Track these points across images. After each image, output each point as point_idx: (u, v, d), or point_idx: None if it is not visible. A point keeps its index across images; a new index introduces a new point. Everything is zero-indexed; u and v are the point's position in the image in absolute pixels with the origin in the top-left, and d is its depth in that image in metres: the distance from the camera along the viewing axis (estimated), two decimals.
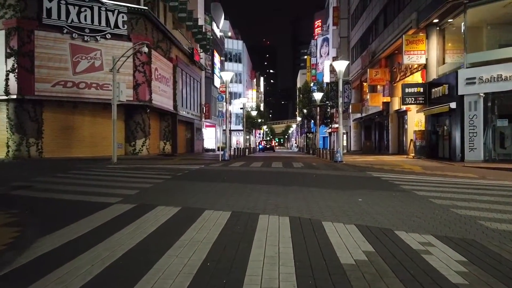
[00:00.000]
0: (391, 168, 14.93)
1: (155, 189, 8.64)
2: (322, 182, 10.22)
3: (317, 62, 71.92)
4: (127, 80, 21.35)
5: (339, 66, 18.90)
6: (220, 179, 10.86)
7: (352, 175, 12.31)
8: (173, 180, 10.33)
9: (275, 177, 11.47)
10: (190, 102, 34.20)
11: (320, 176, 11.90)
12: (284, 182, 10.02)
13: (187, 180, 10.37)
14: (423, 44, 20.61)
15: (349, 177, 11.73)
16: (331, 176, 11.98)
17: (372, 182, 10.22)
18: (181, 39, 30.34)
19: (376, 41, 29.18)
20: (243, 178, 11.17)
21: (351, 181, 10.52)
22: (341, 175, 12.14)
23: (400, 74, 24.74)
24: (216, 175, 12.25)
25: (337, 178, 11.28)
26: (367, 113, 32.67)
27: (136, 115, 22.79)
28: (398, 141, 27.00)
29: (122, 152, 22.97)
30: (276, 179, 10.88)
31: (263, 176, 11.87)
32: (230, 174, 12.40)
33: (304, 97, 38.41)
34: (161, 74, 24.89)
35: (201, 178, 11.12)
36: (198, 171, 13.57)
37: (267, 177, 11.36)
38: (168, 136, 27.92)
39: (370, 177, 11.51)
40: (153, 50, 23.23)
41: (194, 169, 14.29)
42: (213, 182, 9.98)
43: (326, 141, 57.05)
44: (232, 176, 11.86)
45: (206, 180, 10.52)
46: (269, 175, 12.01)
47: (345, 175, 12.32)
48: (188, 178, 11.10)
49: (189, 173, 12.52)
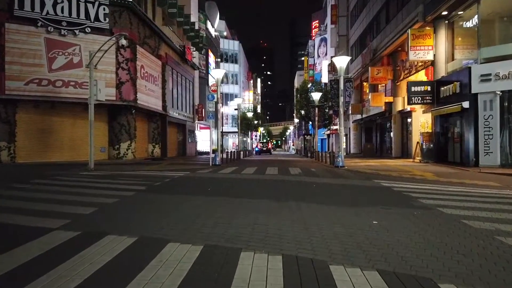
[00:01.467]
0: (399, 174, 13.33)
1: (118, 206, 6.97)
2: (323, 194, 8.58)
3: (314, 63, 70.45)
4: (108, 78, 19.69)
5: (340, 62, 17.31)
6: (203, 190, 9.20)
7: (358, 184, 10.68)
8: (146, 193, 8.66)
9: (268, 187, 9.81)
10: (182, 103, 32.53)
11: (321, 185, 10.26)
12: (278, 195, 8.37)
13: (163, 193, 8.70)
14: (431, 39, 19.05)
15: (354, 187, 10.09)
16: (334, 186, 10.34)
17: (384, 194, 8.60)
18: (172, 36, 28.71)
19: (378, 38, 27.64)
20: (231, 189, 9.52)
21: (358, 193, 8.88)
22: (345, 185, 10.50)
23: (404, 72, 23.19)
24: (200, 185, 10.60)
25: (341, 189, 9.64)
26: (367, 114, 31.10)
27: (120, 116, 21.11)
28: (401, 144, 25.42)
29: (105, 156, 21.29)
30: (269, 190, 9.22)
31: (255, 186, 10.22)
32: (216, 184, 10.75)
33: (302, 98, 36.80)
34: (148, 72, 23.21)
35: (181, 189, 9.46)
36: (181, 179, 11.91)
37: (259, 188, 9.70)
38: (157, 138, 26.24)
39: (379, 187, 9.88)
40: (138, 46, 21.58)
41: (177, 176, 12.62)
42: (194, 195, 8.32)
43: (324, 143, 55.46)
44: (219, 186, 10.21)
45: (186, 192, 8.85)
46: (262, 185, 10.36)
47: (350, 184, 10.68)
48: (166, 189, 9.44)
49: (170, 183, 10.85)
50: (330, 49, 51.84)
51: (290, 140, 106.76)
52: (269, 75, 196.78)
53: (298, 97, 38.21)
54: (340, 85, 17.39)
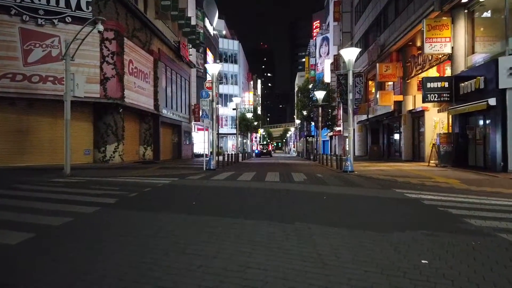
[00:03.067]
0: (420, 181, 11.46)
1: (56, 233, 5.10)
2: (339, 210, 6.70)
3: (316, 63, 68.68)
4: (92, 73, 17.83)
5: (349, 55, 15.46)
6: (185, 205, 7.32)
7: (377, 195, 8.79)
8: (112, 209, 6.80)
9: (268, 200, 7.92)
10: (177, 103, 30.67)
11: (333, 197, 8.37)
12: (281, 211, 6.49)
13: (132, 209, 6.83)
14: (448, 29, 17.20)
15: (374, 199, 8.20)
16: (349, 197, 8.45)
17: (415, 211, 6.73)
18: (166, 31, 26.89)
19: (386, 33, 25.79)
20: (220, 203, 7.63)
21: (382, 208, 7.00)
22: (362, 196, 8.61)
23: (416, 69, 21.31)
24: (185, 196, 8.72)
25: (359, 202, 7.76)
26: (374, 114, 29.22)
27: (107, 115, 19.24)
28: (412, 146, 23.53)
29: (90, 159, 19.42)
30: (269, 205, 7.33)
31: (252, 198, 8.34)
32: (205, 195, 8.87)
33: (304, 97, 34.90)
34: (138, 68, 21.34)
35: (159, 203, 7.58)
36: (164, 188, 10.02)
37: (255, 202, 7.81)
38: (149, 140, 24.38)
39: (405, 200, 8.00)
40: (126, 39, 19.71)
41: (161, 184, 10.74)
42: (172, 212, 6.45)
43: (327, 145, 53.56)
44: (207, 198, 8.33)
45: (163, 208, 6.97)
46: (261, 197, 8.47)
47: (367, 195, 8.80)
48: (139, 203, 7.56)
49: (149, 193, 8.97)
50: (333, 47, 49.99)
51: (291, 142, 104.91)
52: (269, 77, 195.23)
53: (300, 96, 36.29)
54: (348, 80, 15.52)
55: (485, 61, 15.15)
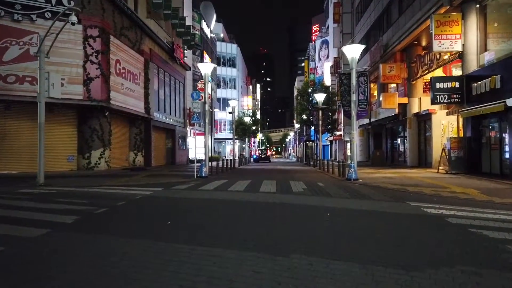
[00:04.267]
0: (435, 191, 10.14)
1: None
2: (348, 234, 5.33)
3: (315, 66, 67.59)
4: (74, 73, 16.53)
5: (352, 52, 14.17)
6: (158, 226, 5.96)
7: (390, 210, 7.45)
8: (63, 232, 5.45)
9: (260, 219, 6.57)
10: (170, 106, 29.37)
11: (339, 214, 7.01)
12: (272, 237, 5.13)
13: (89, 232, 5.48)
14: (459, 25, 15.96)
15: (388, 216, 6.85)
16: (357, 214, 7.09)
17: (442, 233, 5.38)
18: (158, 31, 25.64)
19: (389, 32, 24.56)
20: (201, 222, 6.26)
21: (400, 230, 5.63)
22: (373, 212, 7.26)
23: (422, 69, 20.04)
24: (161, 213, 7.36)
25: (370, 221, 6.39)
26: (376, 118, 27.92)
27: (92, 119, 17.92)
28: (418, 151, 22.21)
29: (74, 166, 18.08)
30: (261, 225, 5.97)
31: (241, 216, 6.98)
32: (184, 211, 7.52)
33: (303, 100, 33.56)
34: (126, 69, 20.03)
35: (125, 223, 6.24)
36: (140, 202, 8.67)
37: (244, 221, 6.45)
38: (139, 145, 23.03)
39: (424, 217, 6.66)
40: (113, 37, 18.42)
41: (140, 196, 9.39)
42: (135, 237, 5.10)
43: (327, 150, 52.21)
44: (187, 215, 6.98)
45: (126, 231, 5.63)
46: (251, 214, 7.13)
47: (379, 210, 7.45)
48: (101, 224, 6.22)
49: (119, 209, 7.62)
50: (333, 50, 48.82)
51: (290, 147, 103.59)
52: (268, 82, 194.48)
53: (299, 99, 34.97)
54: (352, 80, 14.22)
55: (500, 58, 13.88)
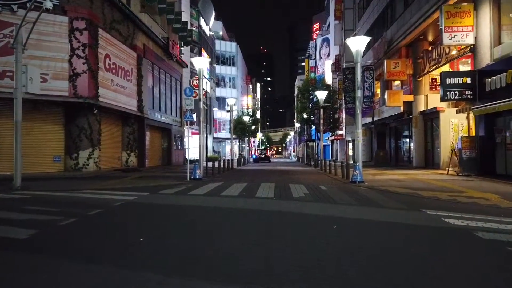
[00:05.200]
0: (451, 196, 9.10)
1: None
2: (360, 255, 4.26)
3: (316, 65, 66.49)
4: (59, 68, 15.46)
5: (357, 45, 13.11)
6: (126, 245, 4.89)
7: (406, 221, 6.38)
8: (8, 252, 4.40)
9: (252, 234, 5.51)
10: (166, 104, 28.31)
11: (347, 226, 5.94)
12: (267, 263, 4.07)
13: (42, 252, 4.44)
14: (470, 17, 14.91)
15: (404, 229, 5.78)
16: (369, 226, 6.02)
17: (475, 254, 4.32)
18: (153, 26, 24.57)
19: (393, 27, 23.50)
20: (180, 240, 5.17)
21: (423, 250, 4.56)
22: (386, 224, 6.20)
23: (430, 64, 18.98)
24: (136, 225, 6.29)
25: (386, 236, 5.32)
26: (380, 117, 26.86)
27: (80, 117, 16.87)
28: (425, 152, 21.15)
29: (61, 167, 17.04)
30: (253, 243, 4.91)
31: (228, 230, 5.92)
32: (165, 224, 6.45)
33: (304, 98, 32.45)
34: (117, 64, 18.95)
35: (90, 239, 5.18)
36: (118, 210, 7.62)
37: (233, 236, 5.39)
38: (132, 145, 21.98)
39: (447, 230, 5.61)
40: (102, 30, 17.35)
41: (120, 203, 8.33)
42: (94, 262, 4.05)
43: (328, 150, 51.10)
44: (166, 229, 5.88)
45: (86, 251, 4.58)
46: (241, 228, 6.07)
47: (393, 221, 6.38)
48: (60, 240, 5.17)
49: (91, 219, 6.57)
50: (334, 47, 47.77)
51: (290, 146, 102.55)
52: (269, 81, 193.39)
53: (300, 97, 33.87)
54: (356, 75, 13.17)
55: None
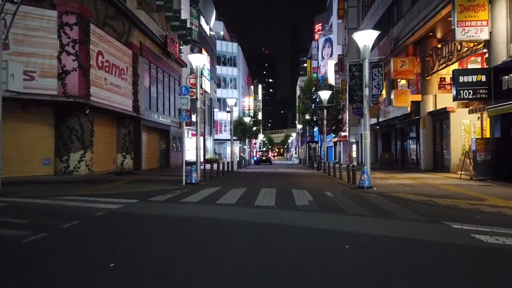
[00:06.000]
0: (471, 205, 8.16)
1: None
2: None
3: (318, 65, 65.63)
4: (47, 65, 14.57)
5: (364, 39, 12.18)
6: (91, 272, 3.94)
7: (427, 237, 5.44)
8: None
9: (247, 257, 4.58)
10: (164, 105, 27.45)
11: (361, 244, 5.00)
12: None
13: None
14: (485, 11, 13.98)
15: (430, 248, 4.83)
16: (387, 244, 5.06)
17: None
18: (150, 23, 23.70)
19: (400, 24, 22.57)
20: (158, 265, 4.23)
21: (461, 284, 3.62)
22: (406, 241, 5.24)
23: (440, 62, 18.04)
24: (113, 244, 5.34)
25: (411, 259, 4.37)
26: (385, 118, 25.91)
27: (71, 117, 16.00)
28: (433, 154, 20.20)
29: (50, 170, 16.16)
30: (244, 273, 3.97)
31: (223, 248, 4.99)
32: (146, 241, 5.48)
33: (306, 98, 31.47)
34: (111, 62, 18.06)
35: (47, 264, 4.24)
36: (97, 223, 6.70)
37: (226, 260, 4.46)
38: (128, 147, 21.09)
39: (482, 250, 4.68)
40: (95, 26, 16.46)
41: (102, 213, 7.41)
42: None
43: (330, 152, 50.12)
44: (145, 248, 4.91)
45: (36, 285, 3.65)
46: (235, 247, 5.15)
47: (413, 237, 5.42)
48: (12, 266, 4.23)
49: (60, 235, 5.66)
50: (337, 47, 46.92)
51: (292, 148, 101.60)
52: (270, 83, 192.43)
53: (302, 98, 32.91)
54: (364, 72, 12.23)
55: None
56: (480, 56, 16.86)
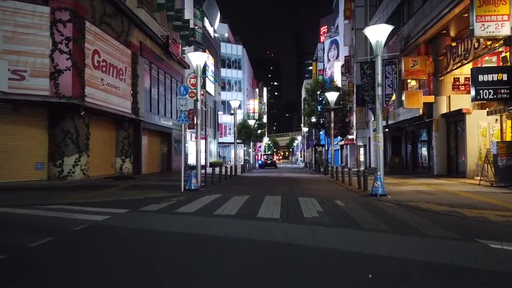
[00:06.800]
0: (502, 216, 7.24)
1: None
2: None
3: (324, 68, 64.72)
4: (39, 64, 13.75)
5: (376, 35, 11.26)
6: None
7: (469, 265, 4.48)
8: None
9: None
10: (166, 107, 26.62)
11: (387, 275, 4.05)
12: None
13: None
14: (506, 4, 13.01)
15: (475, 279, 3.87)
16: (419, 274, 4.09)
17: None
18: (151, 23, 22.90)
19: (411, 22, 21.60)
20: None
21: None
22: (441, 267, 4.27)
23: (454, 61, 17.04)
24: (79, 272, 4.42)
25: None
26: (395, 120, 24.89)
27: (65, 120, 15.17)
28: (447, 158, 19.15)
29: (43, 175, 15.35)
30: None
31: (216, 280, 4.06)
32: (123, 267, 4.57)
33: (313, 100, 30.47)
34: (108, 62, 17.21)
35: None
36: (71, 241, 5.80)
37: None
38: (127, 150, 20.24)
39: None
40: (90, 23, 15.64)
41: (82, 227, 6.50)
42: None
43: (336, 155, 49.01)
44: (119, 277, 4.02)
45: None
46: (234, 273, 4.22)
47: (449, 263, 4.46)
48: None
49: (22, 258, 4.76)
50: (343, 48, 45.95)
51: (297, 151, 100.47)
52: (276, 86, 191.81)
53: (308, 99, 31.89)
54: (376, 69, 11.30)
55: None
56: (495, 56, 15.86)
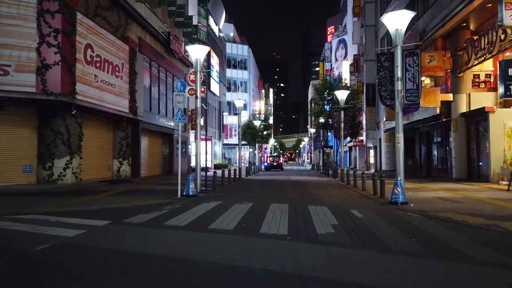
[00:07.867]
0: None
1: None
2: None
3: (331, 68, 63.37)
4: (24, 57, 12.64)
5: (397, 23, 10.00)
6: None
7: None
8: None
9: None
10: (167, 107, 25.49)
11: None
12: None
13: None
14: None
15: None
16: None
17: None
18: (151, 18, 21.79)
19: (427, 16, 20.26)
20: None
21: None
22: None
23: (476, 55, 15.67)
24: None
25: None
26: (409, 120, 23.46)
27: (56, 119, 14.07)
28: (467, 161, 17.75)
29: (32, 178, 14.24)
30: None
31: None
32: None
33: (321, 99, 29.13)
34: (102, 57, 16.07)
35: None
36: (21, 267, 4.60)
37: None
38: (125, 152, 19.12)
39: None
40: (82, 15, 14.48)
41: (44, 247, 5.30)
42: None
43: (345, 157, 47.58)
44: None
45: None
46: None
47: None
48: None
49: None
50: (352, 47, 44.61)
51: (304, 153, 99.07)
52: (282, 87, 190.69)
53: (316, 99, 30.53)
54: (396, 62, 10.03)
55: None
56: None
